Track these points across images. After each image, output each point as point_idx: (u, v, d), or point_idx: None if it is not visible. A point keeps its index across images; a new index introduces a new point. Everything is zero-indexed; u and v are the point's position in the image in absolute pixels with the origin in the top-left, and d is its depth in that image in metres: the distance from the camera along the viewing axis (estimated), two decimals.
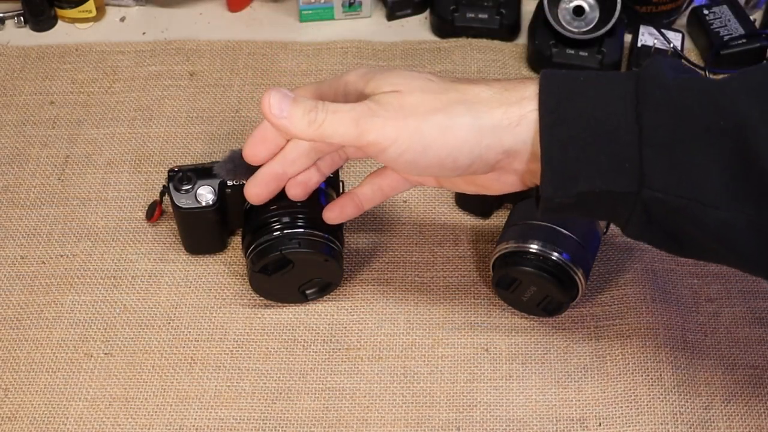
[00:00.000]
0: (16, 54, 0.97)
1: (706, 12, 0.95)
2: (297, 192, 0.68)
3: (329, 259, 0.72)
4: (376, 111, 0.57)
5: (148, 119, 0.90)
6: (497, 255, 0.72)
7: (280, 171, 0.66)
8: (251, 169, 0.72)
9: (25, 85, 0.94)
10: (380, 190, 0.68)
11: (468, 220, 0.82)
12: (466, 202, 0.82)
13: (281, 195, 0.72)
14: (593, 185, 0.54)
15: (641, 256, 0.78)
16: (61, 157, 0.87)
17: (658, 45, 0.92)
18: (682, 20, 0.99)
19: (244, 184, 0.73)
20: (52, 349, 0.73)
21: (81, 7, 0.99)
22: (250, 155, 0.65)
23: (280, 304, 0.76)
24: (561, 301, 0.71)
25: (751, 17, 0.96)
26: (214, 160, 0.75)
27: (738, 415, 0.69)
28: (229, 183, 0.74)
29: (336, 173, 0.75)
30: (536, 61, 0.94)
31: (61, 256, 0.80)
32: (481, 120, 0.56)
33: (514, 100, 0.56)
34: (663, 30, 0.92)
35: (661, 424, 0.68)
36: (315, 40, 0.98)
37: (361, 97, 0.60)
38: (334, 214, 0.69)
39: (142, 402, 0.71)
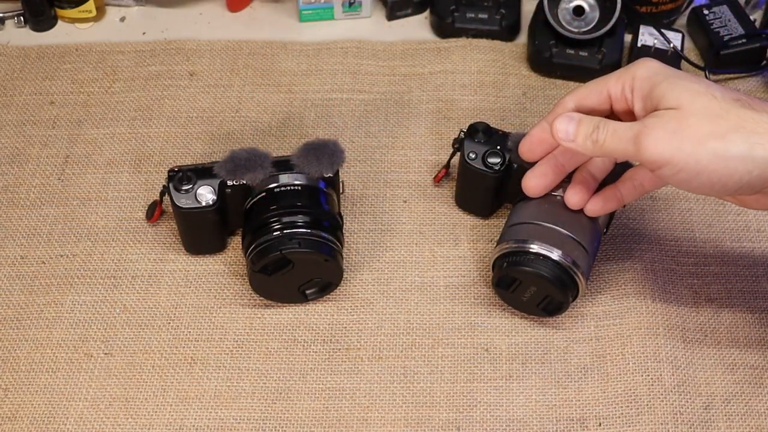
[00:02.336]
0: (16, 54, 0.97)
1: (706, 12, 0.95)
2: (575, 199, 0.71)
3: (329, 259, 0.72)
4: (653, 131, 0.60)
5: (148, 119, 0.90)
6: (497, 255, 0.72)
7: (560, 162, 0.71)
8: (251, 169, 0.73)
9: (25, 85, 0.94)
10: (641, 186, 0.71)
11: (468, 220, 0.82)
12: (466, 202, 0.82)
13: (281, 194, 0.73)
14: None
15: (641, 256, 0.78)
16: (61, 157, 0.87)
17: (658, 45, 0.92)
18: (682, 20, 0.99)
19: (244, 184, 0.73)
20: (52, 349, 0.73)
21: (81, 7, 0.99)
22: (527, 153, 0.71)
23: (280, 304, 0.76)
24: (561, 301, 0.71)
25: (751, 17, 0.96)
26: (214, 160, 0.75)
27: (738, 415, 0.69)
28: (229, 183, 0.74)
29: (336, 173, 0.75)
30: (536, 61, 0.94)
31: (61, 256, 0.80)
32: (755, 152, 0.58)
33: None
34: (663, 30, 0.92)
35: (661, 424, 0.68)
36: (315, 40, 0.98)
37: (645, 99, 0.63)
38: (597, 206, 0.71)
39: (142, 402, 0.71)
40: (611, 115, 0.66)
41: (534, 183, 0.72)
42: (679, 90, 0.60)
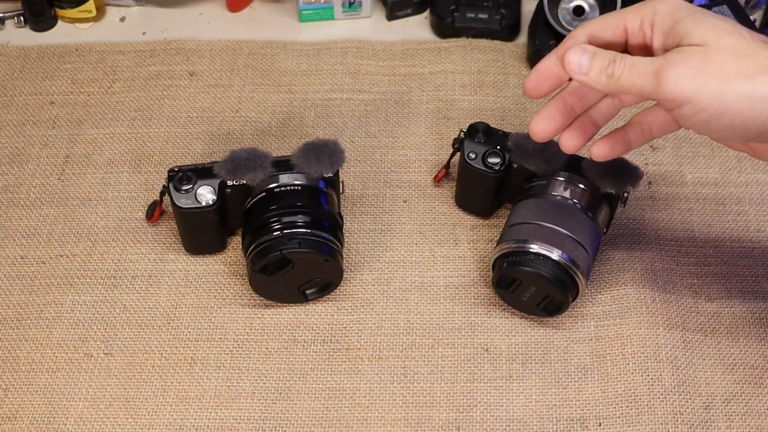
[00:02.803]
0: (16, 54, 0.97)
1: None
2: (571, 143, 0.66)
3: (329, 259, 0.72)
4: (676, 66, 0.56)
5: (148, 119, 0.90)
6: (497, 255, 0.72)
7: (569, 104, 0.66)
8: (251, 169, 0.73)
9: (25, 85, 0.94)
10: (650, 130, 0.66)
11: (468, 220, 0.82)
12: (466, 202, 0.82)
13: (281, 194, 0.73)
14: None
15: (641, 256, 0.78)
16: (61, 157, 0.87)
17: None
18: None
19: (244, 184, 0.73)
20: (52, 349, 0.73)
21: (81, 7, 0.99)
22: (533, 89, 0.64)
23: (280, 304, 0.76)
24: (561, 301, 0.71)
25: (751, 17, 0.96)
26: (214, 160, 0.75)
27: (738, 415, 0.69)
28: (229, 183, 0.74)
29: (336, 173, 0.75)
30: (536, 61, 0.93)
31: (61, 256, 0.80)
32: None
33: None
34: None
35: (661, 424, 0.68)
36: (315, 40, 0.98)
37: (666, 35, 0.59)
38: (604, 150, 0.66)
39: (142, 402, 0.71)
40: (625, 51, 0.62)
41: (541, 127, 0.65)
42: (705, 26, 0.57)
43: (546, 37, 0.93)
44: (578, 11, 0.93)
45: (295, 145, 0.76)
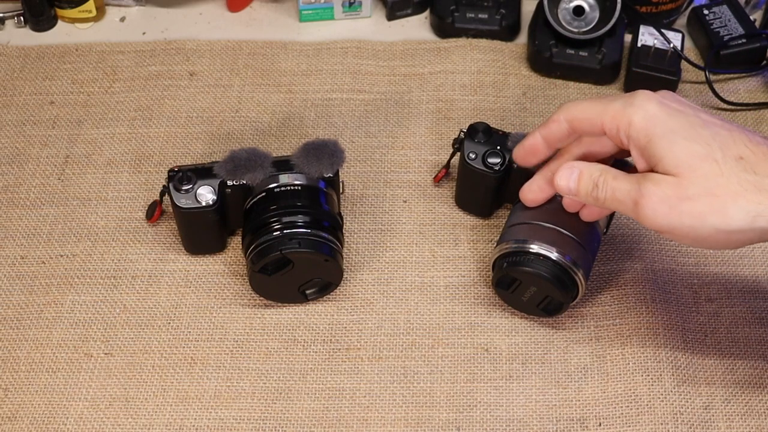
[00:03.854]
0: (16, 54, 0.97)
1: (706, 12, 0.96)
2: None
3: (329, 259, 0.72)
4: (651, 201, 0.59)
5: (148, 119, 0.90)
6: (497, 255, 0.72)
7: (550, 177, 0.69)
8: (251, 169, 0.73)
9: (25, 85, 0.94)
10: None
11: (468, 220, 0.82)
12: (466, 202, 0.82)
13: (281, 194, 0.73)
14: None
15: (641, 256, 0.78)
16: (61, 157, 0.87)
17: (658, 45, 0.92)
18: (682, 20, 0.99)
19: (244, 184, 0.73)
20: (52, 349, 0.73)
21: (81, 7, 0.99)
22: (521, 161, 0.71)
23: (280, 304, 0.76)
24: (561, 302, 0.71)
25: (751, 17, 0.96)
26: (214, 160, 0.75)
27: (738, 415, 0.69)
28: (229, 183, 0.74)
29: (336, 173, 0.75)
30: (536, 61, 0.94)
31: (61, 256, 0.80)
32: (756, 224, 0.57)
33: None
34: (663, 30, 0.92)
35: (661, 424, 0.68)
36: (315, 40, 0.98)
37: (641, 151, 0.61)
38: (594, 211, 0.70)
39: (142, 402, 0.71)
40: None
41: (531, 198, 0.71)
42: (677, 152, 0.58)
43: (546, 37, 0.93)
44: (578, 11, 0.93)
45: (295, 145, 0.76)
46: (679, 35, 0.93)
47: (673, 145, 0.58)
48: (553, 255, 0.69)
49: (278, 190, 0.73)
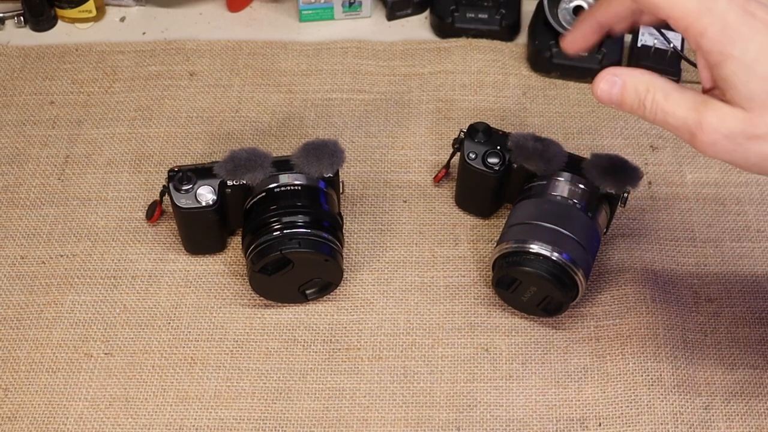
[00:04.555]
0: (16, 54, 0.97)
1: None
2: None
3: (329, 259, 0.72)
4: (713, 135, 0.52)
5: (148, 119, 0.90)
6: (497, 255, 0.72)
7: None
8: (251, 169, 0.73)
9: (25, 85, 0.94)
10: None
11: (468, 220, 0.82)
12: (466, 202, 0.82)
13: (281, 194, 0.73)
14: None
15: (641, 256, 0.78)
16: (61, 157, 0.87)
17: (658, 45, 0.92)
18: None
19: (244, 184, 0.73)
20: (52, 349, 0.73)
21: (81, 7, 0.99)
22: (570, 48, 0.63)
23: (280, 304, 0.76)
24: (561, 301, 0.71)
25: None
26: (214, 160, 0.75)
27: (738, 415, 0.69)
28: (229, 183, 0.74)
29: (336, 173, 0.75)
30: (536, 61, 0.94)
31: (61, 256, 0.80)
32: None
33: None
34: (663, 30, 0.92)
35: (661, 424, 0.68)
36: (315, 40, 0.98)
37: (710, 67, 0.53)
38: (574, 45, 0.63)
39: (142, 402, 0.71)
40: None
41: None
42: (753, 86, 0.51)
43: (546, 37, 0.93)
44: (578, 11, 0.93)
45: (295, 145, 0.76)
46: (679, 35, 0.93)
47: (750, 76, 0.51)
48: (553, 255, 0.69)
49: (278, 190, 0.73)
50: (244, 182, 0.73)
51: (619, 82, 0.56)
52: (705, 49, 0.52)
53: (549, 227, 0.71)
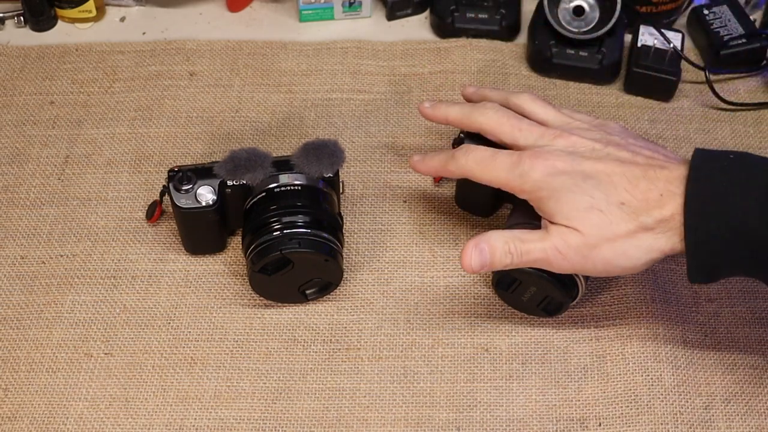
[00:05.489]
0: (16, 54, 0.97)
1: (706, 12, 0.95)
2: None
3: (329, 259, 0.72)
4: (566, 252, 0.64)
5: (148, 119, 0.90)
6: None
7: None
8: (251, 169, 0.73)
9: (25, 85, 0.94)
10: None
11: (468, 220, 0.82)
12: (466, 202, 0.82)
13: (281, 194, 0.73)
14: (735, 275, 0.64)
15: None
16: (61, 157, 0.87)
17: (658, 45, 0.92)
18: (682, 20, 0.99)
19: (244, 184, 0.73)
20: (52, 349, 0.73)
21: (81, 7, 0.99)
22: (422, 171, 0.77)
23: (280, 304, 0.76)
24: (561, 302, 0.71)
25: (751, 17, 0.96)
26: (214, 160, 0.75)
27: (738, 415, 0.69)
28: (229, 183, 0.74)
29: (336, 173, 0.75)
30: (536, 61, 0.94)
31: (61, 256, 0.80)
32: (652, 255, 0.63)
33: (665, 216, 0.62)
34: (663, 30, 0.92)
35: (661, 424, 0.68)
36: (315, 40, 0.98)
37: (537, 209, 0.67)
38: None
39: (142, 402, 0.71)
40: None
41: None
42: (564, 208, 0.64)
43: (546, 37, 0.93)
44: (578, 11, 0.93)
45: (295, 145, 0.76)
46: (679, 35, 0.93)
47: (560, 203, 0.65)
48: None
49: (278, 190, 0.73)
50: (244, 182, 0.73)
51: (486, 247, 0.66)
52: (527, 197, 0.67)
53: None
